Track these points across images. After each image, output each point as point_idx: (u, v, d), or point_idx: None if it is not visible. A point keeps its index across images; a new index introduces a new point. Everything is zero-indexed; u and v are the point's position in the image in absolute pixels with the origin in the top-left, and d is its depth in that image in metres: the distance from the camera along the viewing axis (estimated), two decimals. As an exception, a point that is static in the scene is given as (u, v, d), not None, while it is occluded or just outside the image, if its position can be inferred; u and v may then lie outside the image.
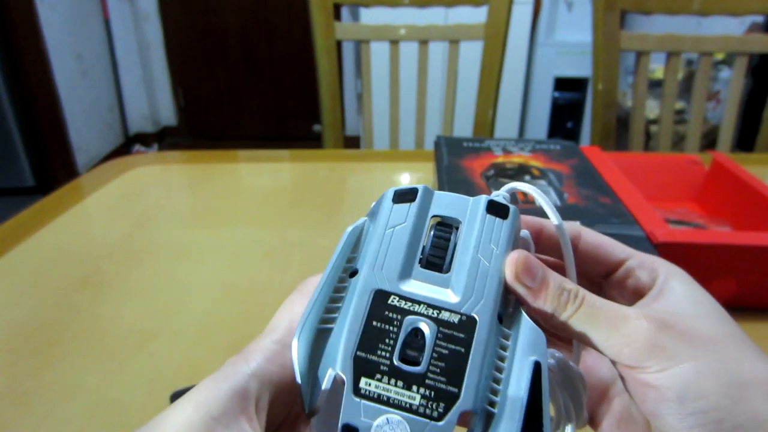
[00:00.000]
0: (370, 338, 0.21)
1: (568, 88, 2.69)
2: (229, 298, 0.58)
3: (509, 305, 0.23)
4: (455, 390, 0.20)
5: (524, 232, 0.26)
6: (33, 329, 0.53)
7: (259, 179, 0.89)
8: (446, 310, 0.22)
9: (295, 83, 3.06)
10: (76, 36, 2.60)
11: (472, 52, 1.22)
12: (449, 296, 0.22)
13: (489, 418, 0.21)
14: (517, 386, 0.21)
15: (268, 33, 2.97)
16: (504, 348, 0.22)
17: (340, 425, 0.20)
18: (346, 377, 0.20)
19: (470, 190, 0.62)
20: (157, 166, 0.94)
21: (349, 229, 0.24)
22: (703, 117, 1.16)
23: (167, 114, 3.21)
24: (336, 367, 0.20)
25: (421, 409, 0.20)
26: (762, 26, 1.91)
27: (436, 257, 0.23)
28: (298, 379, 0.21)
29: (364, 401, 0.20)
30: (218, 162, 0.94)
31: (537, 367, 0.22)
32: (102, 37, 2.83)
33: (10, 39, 2.26)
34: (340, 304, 0.22)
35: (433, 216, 0.24)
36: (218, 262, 0.64)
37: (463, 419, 0.21)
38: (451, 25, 1.13)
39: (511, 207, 0.24)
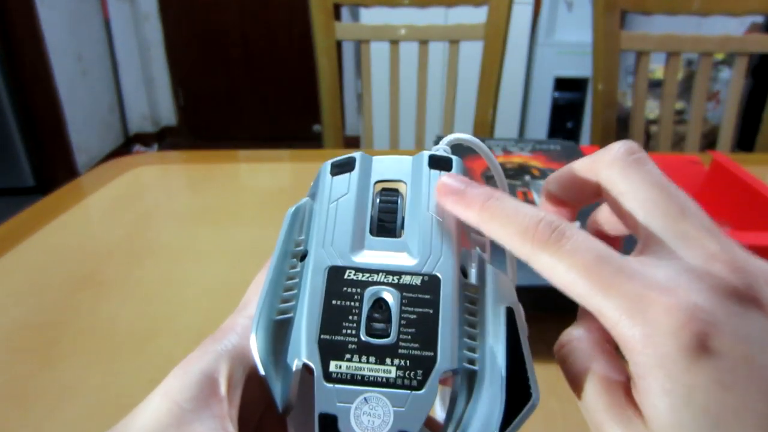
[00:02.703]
0: (332, 318, 0.20)
1: (568, 88, 2.69)
2: (229, 298, 0.58)
3: (471, 259, 0.22)
4: (431, 353, 0.19)
5: None
6: (33, 329, 0.53)
7: (259, 179, 0.89)
8: (406, 273, 0.20)
9: (295, 83, 3.06)
10: (76, 36, 2.60)
11: (472, 52, 1.21)
12: (407, 259, 0.21)
13: (472, 376, 0.20)
14: (494, 338, 0.20)
15: (268, 33, 2.97)
16: (473, 302, 0.21)
17: (315, 416, 0.19)
18: (314, 364, 0.19)
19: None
20: (157, 166, 0.94)
21: (291, 210, 0.23)
22: (703, 117, 1.16)
23: (167, 114, 3.21)
24: (301, 355, 0.19)
25: (399, 381, 0.19)
26: (762, 26, 1.91)
27: (386, 222, 0.22)
28: (262, 372, 0.19)
29: (337, 386, 0.19)
30: (218, 162, 0.94)
31: (510, 314, 0.21)
32: (102, 37, 2.83)
33: (10, 39, 2.26)
34: (295, 291, 0.21)
35: (377, 182, 0.23)
36: (218, 262, 0.64)
37: (445, 381, 0.20)
38: (451, 25, 1.13)
39: (454, 158, 0.23)
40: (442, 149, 0.24)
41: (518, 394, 0.19)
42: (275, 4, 2.89)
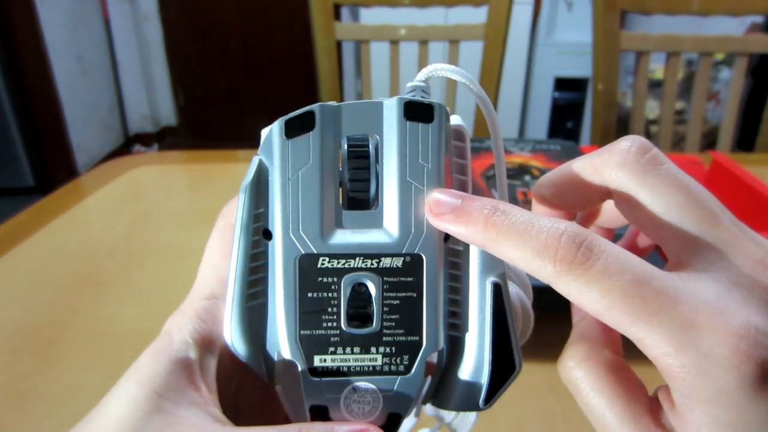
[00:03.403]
0: (309, 313, 0.19)
1: (568, 88, 2.69)
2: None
3: None
4: (416, 338, 0.19)
5: (455, 119, 0.21)
6: (33, 329, 0.53)
7: (259, 179, 0.89)
8: (386, 255, 0.19)
9: (295, 83, 3.06)
10: (76, 36, 2.60)
11: (472, 52, 1.21)
12: (385, 237, 0.19)
13: (455, 341, 0.20)
14: (480, 309, 0.19)
15: (268, 33, 2.97)
16: (457, 267, 0.20)
17: (306, 408, 0.19)
18: (298, 362, 0.19)
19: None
20: (157, 166, 0.94)
21: (245, 184, 0.20)
22: (703, 117, 1.16)
23: (167, 114, 3.21)
24: (283, 353, 0.19)
25: (386, 368, 0.19)
26: (762, 26, 1.92)
27: (359, 192, 0.20)
28: (245, 360, 0.19)
29: (324, 379, 0.19)
30: (218, 162, 0.94)
31: (497, 289, 0.19)
32: (102, 37, 2.83)
33: (10, 39, 2.26)
34: (262, 274, 0.19)
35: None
36: (218, 262, 0.64)
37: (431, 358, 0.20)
38: (451, 26, 1.13)
39: (435, 104, 0.19)
40: (419, 89, 0.21)
41: (502, 364, 0.19)
42: (275, 4, 2.88)
